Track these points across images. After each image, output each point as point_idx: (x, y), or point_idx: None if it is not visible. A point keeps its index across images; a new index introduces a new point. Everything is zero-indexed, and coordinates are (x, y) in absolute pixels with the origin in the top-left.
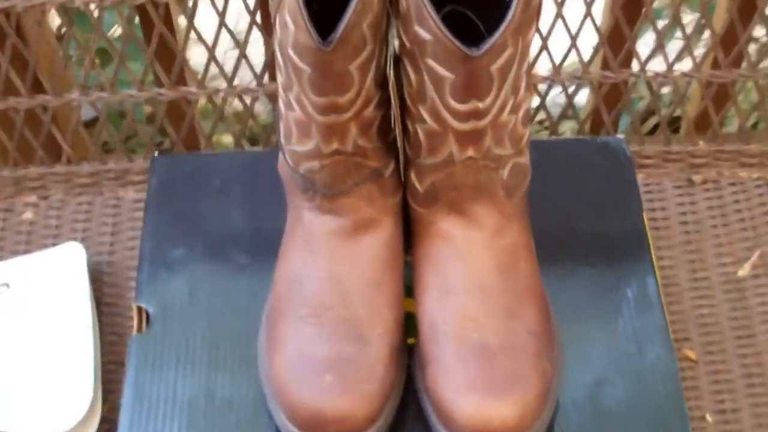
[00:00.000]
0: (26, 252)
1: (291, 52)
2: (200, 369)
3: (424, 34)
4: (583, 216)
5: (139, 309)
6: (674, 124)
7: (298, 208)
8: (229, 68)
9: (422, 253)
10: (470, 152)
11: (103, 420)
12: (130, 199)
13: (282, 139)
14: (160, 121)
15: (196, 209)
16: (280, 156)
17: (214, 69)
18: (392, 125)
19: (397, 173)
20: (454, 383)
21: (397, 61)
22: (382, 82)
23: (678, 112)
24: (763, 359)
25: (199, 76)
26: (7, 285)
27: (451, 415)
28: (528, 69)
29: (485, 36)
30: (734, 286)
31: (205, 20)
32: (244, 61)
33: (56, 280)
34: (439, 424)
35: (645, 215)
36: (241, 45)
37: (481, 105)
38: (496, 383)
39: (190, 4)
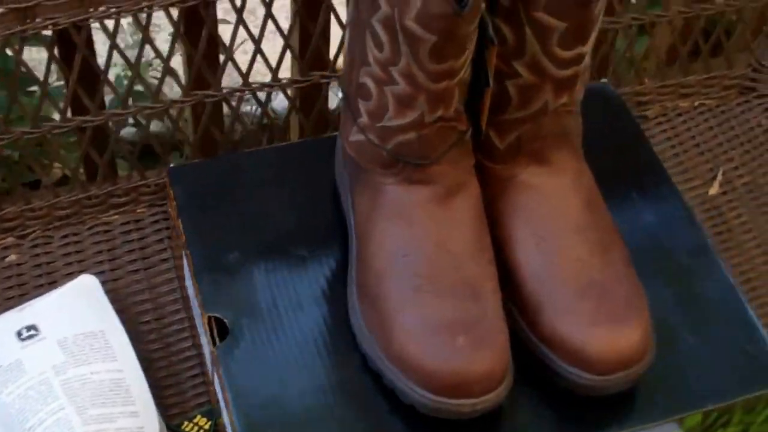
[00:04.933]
0: (21, 297)
1: (411, 23)
2: (302, 364)
3: None
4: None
5: (210, 319)
6: None
7: (377, 185)
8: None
9: (504, 208)
10: (564, 99)
11: None
12: (118, 223)
13: (364, 119)
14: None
15: (234, 211)
16: (353, 138)
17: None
18: (481, 85)
19: (472, 135)
20: (578, 321)
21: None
22: None
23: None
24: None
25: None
26: (36, 327)
27: (581, 351)
28: None
29: None
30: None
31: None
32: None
33: (82, 314)
34: (565, 364)
35: None
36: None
37: (584, 49)
38: (618, 312)
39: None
